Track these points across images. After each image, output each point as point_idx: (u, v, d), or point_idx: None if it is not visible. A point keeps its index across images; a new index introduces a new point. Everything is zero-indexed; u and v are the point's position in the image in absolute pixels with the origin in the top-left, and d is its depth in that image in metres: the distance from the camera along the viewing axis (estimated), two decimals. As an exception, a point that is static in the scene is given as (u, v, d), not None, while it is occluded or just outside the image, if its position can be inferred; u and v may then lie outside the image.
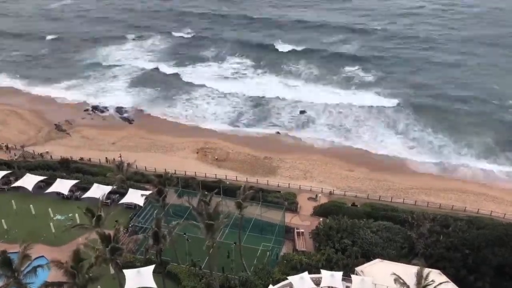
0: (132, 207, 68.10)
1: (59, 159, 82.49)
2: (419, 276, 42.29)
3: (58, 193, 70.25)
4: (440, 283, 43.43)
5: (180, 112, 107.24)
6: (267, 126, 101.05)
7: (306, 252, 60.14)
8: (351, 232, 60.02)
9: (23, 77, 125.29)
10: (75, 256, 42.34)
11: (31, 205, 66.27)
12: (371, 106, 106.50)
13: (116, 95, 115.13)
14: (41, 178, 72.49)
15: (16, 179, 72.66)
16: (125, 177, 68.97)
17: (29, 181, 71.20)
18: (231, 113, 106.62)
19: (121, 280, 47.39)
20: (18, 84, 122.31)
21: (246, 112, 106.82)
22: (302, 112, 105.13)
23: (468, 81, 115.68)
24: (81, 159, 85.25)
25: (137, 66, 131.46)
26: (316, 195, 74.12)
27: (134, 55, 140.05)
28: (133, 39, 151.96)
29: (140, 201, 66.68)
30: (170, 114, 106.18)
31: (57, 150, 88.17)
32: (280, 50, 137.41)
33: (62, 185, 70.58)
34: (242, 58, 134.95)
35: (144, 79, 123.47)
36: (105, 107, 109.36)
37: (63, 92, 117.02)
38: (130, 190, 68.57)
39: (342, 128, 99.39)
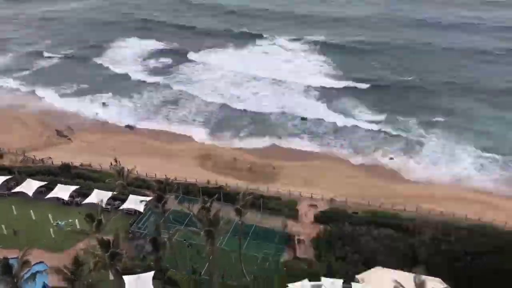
0: (132, 213, 68.01)
1: (60, 164, 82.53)
2: (420, 284, 42.08)
3: (59, 199, 70.19)
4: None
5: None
6: (267, 132, 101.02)
7: (307, 260, 59.94)
8: (352, 239, 59.81)
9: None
10: (74, 262, 42.33)
11: (31, 211, 66.26)
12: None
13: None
14: (42, 183, 72.46)
15: (17, 184, 72.64)
16: (125, 182, 68.92)
17: (29, 186, 71.16)
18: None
19: (121, 286, 47.24)
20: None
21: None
22: (303, 119, 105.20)
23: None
24: (82, 164, 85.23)
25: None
26: (317, 203, 73.94)
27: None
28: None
29: (140, 207, 66.62)
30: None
31: (58, 156, 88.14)
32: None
33: (63, 191, 70.56)
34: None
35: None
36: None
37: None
38: (131, 196, 68.48)
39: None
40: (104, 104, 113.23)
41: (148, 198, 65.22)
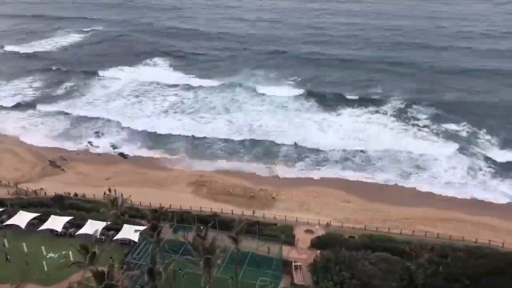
0: (126, 243, 67.18)
1: (53, 195, 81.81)
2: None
3: (52, 230, 69.35)
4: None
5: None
6: (261, 158, 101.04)
7: (304, 286, 59.20)
8: (349, 264, 59.27)
9: None
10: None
11: (23, 243, 65.32)
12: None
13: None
14: (34, 215, 71.67)
15: (9, 217, 71.79)
16: (119, 212, 68.33)
17: (22, 218, 70.37)
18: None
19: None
20: None
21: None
22: (295, 144, 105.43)
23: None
24: (75, 195, 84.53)
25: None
26: (313, 228, 73.52)
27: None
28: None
29: (135, 237, 65.89)
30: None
31: (51, 187, 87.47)
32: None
33: (56, 222, 69.78)
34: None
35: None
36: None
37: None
38: (125, 226, 67.81)
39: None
40: (97, 133, 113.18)
41: (143, 228, 64.56)
